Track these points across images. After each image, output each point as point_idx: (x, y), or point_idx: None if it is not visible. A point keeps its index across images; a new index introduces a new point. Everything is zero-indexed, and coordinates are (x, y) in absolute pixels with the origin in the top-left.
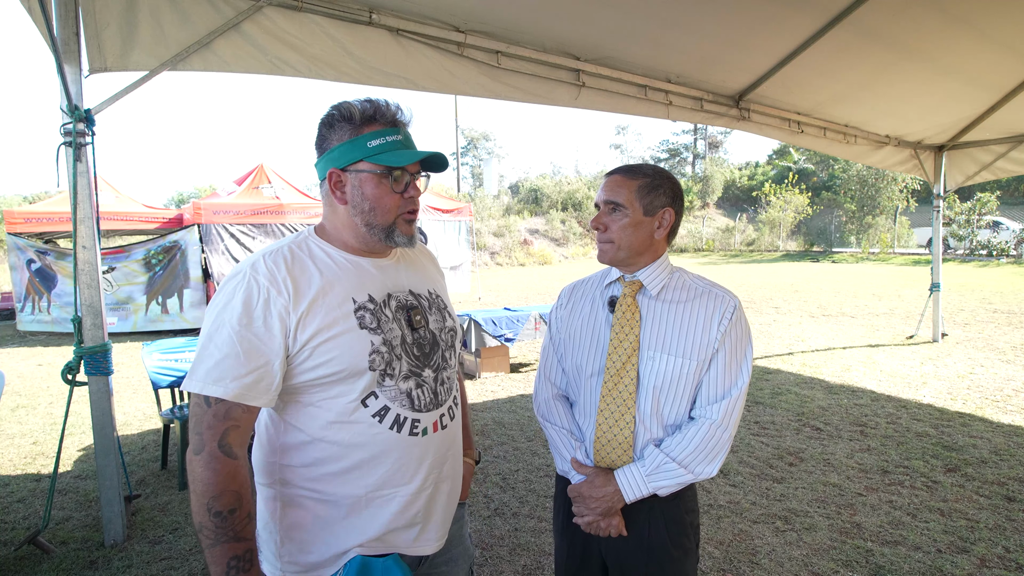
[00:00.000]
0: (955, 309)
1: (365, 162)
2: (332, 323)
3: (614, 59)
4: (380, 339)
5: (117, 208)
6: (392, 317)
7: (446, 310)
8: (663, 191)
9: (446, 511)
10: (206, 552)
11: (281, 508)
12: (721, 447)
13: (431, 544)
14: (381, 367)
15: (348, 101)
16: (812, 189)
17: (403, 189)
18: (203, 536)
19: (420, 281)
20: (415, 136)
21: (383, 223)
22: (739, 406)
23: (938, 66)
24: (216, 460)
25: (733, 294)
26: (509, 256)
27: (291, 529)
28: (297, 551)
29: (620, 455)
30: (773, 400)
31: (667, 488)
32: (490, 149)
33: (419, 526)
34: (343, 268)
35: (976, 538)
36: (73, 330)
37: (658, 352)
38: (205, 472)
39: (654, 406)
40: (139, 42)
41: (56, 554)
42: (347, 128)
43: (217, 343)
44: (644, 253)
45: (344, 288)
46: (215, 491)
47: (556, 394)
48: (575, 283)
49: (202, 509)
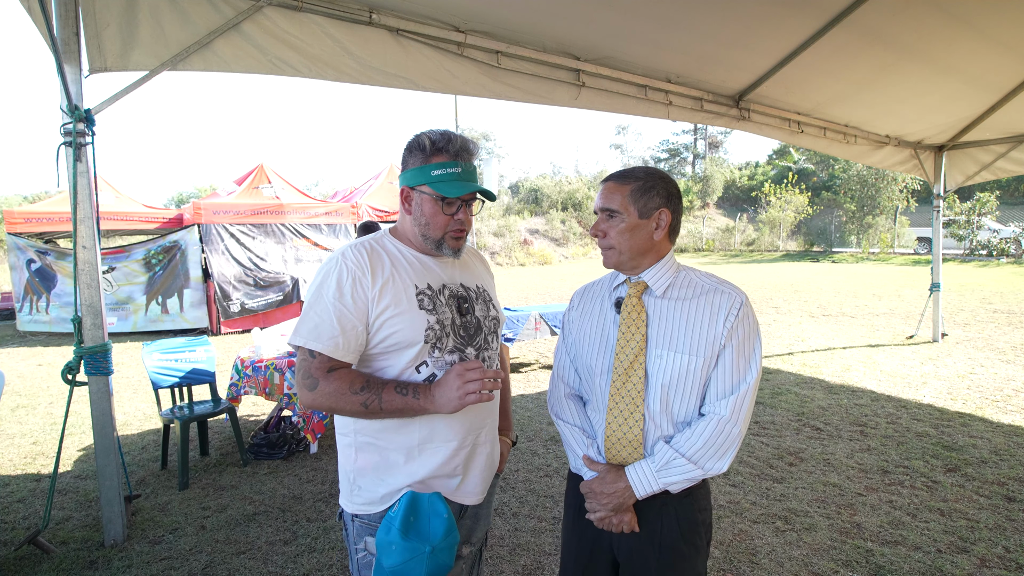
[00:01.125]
0: (955, 309)
1: (427, 187)
2: (398, 302)
3: (614, 59)
4: (435, 319)
5: (117, 208)
6: (445, 303)
7: (491, 302)
8: (656, 192)
9: (484, 472)
10: (383, 414)
11: (355, 453)
12: (731, 442)
13: (470, 496)
14: (433, 341)
15: (425, 133)
16: (812, 189)
17: (453, 212)
18: (371, 412)
19: (470, 277)
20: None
21: (434, 236)
22: (748, 401)
23: (938, 66)
24: (333, 376)
25: (740, 290)
26: (509, 256)
27: (362, 470)
28: (365, 488)
29: (631, 452)
30: (773, 400)
31: (677, 484)
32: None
33: (459, 477)
34: (409, 261)
35: (976, 538)
36: (73, 330)
37: (665, 350)
38: (330, 384)
39: (663, 403)
40: (139, 42)
41: (56, 554)
42: (419, 156)
43: (317, 311)
44: (646, 254)
45: (409, 277)
46: (347, 383)
47: (568, 393)
48: (585, 286)
49: (350, 401)
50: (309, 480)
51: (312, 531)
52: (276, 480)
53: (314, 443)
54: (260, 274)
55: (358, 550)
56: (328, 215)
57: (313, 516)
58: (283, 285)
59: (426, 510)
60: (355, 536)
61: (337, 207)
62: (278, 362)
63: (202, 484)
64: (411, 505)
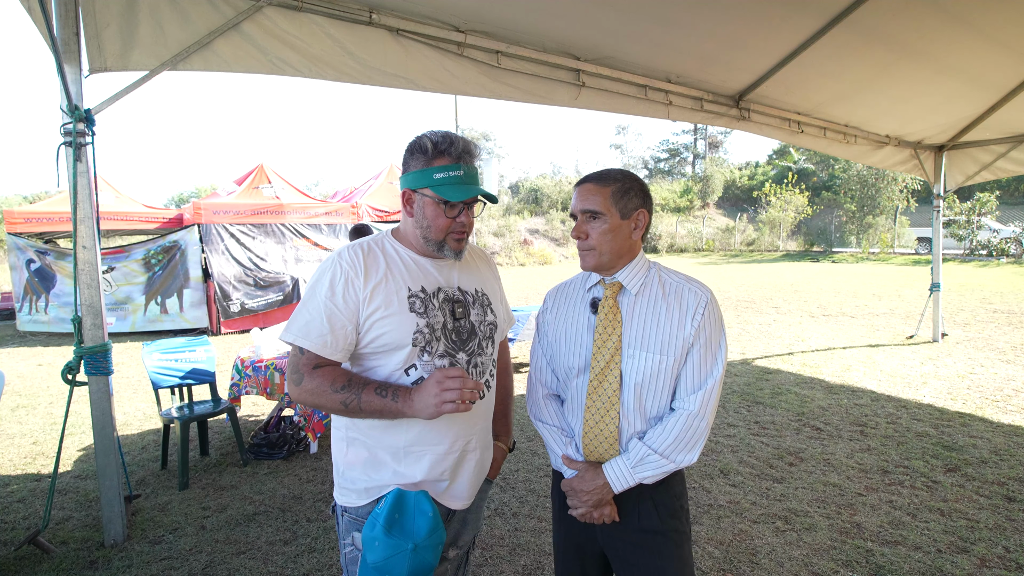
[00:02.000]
0: (955, 309)
1: (429, 190)
2: (389, 303)
3: (614, 59)
4: (424, 322)
5: (117, 208)
6: (438, 307)
7: (490, 306)
8: (634, 193)
9: (473, 477)
10: (363, 414)
11: (345, 447)
12: (699, 436)
13: (457, 501)
14: (421, 344)
15: (426, 135)
16: (812, 189)
17: (455, 215)
18: (351, 411)
19: (471, 280)
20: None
21: (435, 239)
22: (715, 395)
23: (938, 66)
24: (317, 372)
25: (706, 287)
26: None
27: (351, 463)
28: (353, 480)
29: (607, 449)
30: (773, 400)
31: (652, 477)
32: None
33: (447, 482)
34: (406, 264)
35: (976, 538)
36: (73, 330)
37: (638, 350)
38: (311, 381)
39: (637, 402)
40: (139, 42)
41: (56, 554)
42: (421, 158)
43: (309, 308)
44: (624, 255)
45: (403, 279)
46: (329, 381)
47: (547, 394)
48: (558, 286)
49: (331, 399)
50: (309, 480)
51: (312, 531)
52: (276, 480)
53: (315, 442)
54: (260, 274)
55: (346, 544)
56: (328, 215)
57: (313, 516)
58: (283, 285)
59: (412, 508)
60: (344, 530)
61: (337, 207)
62: (278, 362)
63: (202, 484)
64: (397, 502)
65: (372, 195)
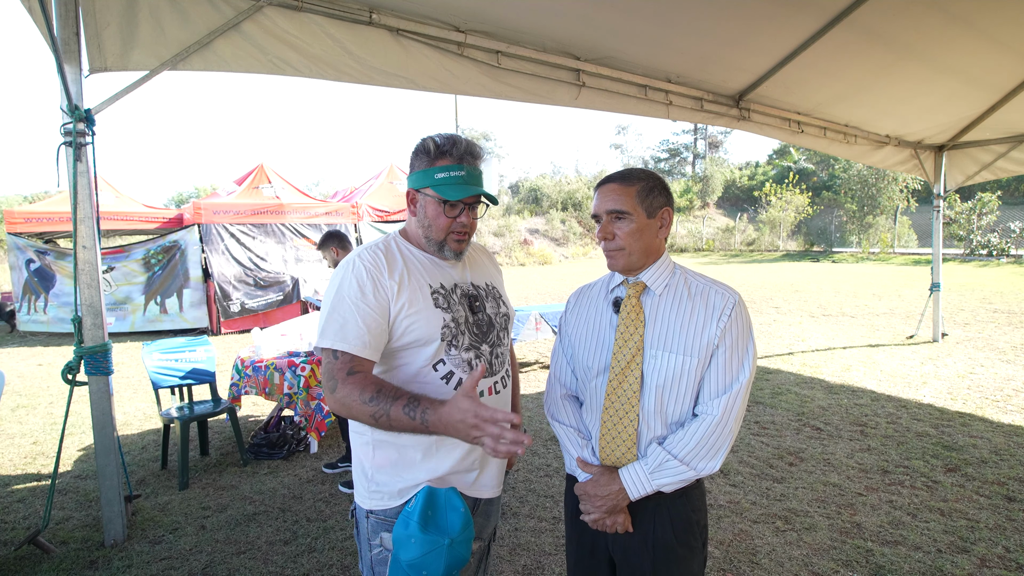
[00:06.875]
0: (955, 309)
1: (430, 189)
2: (415, 300)
3: (614, 59)
4: (450, 316)
5: (117, 208)
6: (458, 301)
7: (500, 299)
8: (658, 192)
9: (499, 466)
10: (393, 429)
11: (372, 450)
12: (722, 443)
13: (487, 490)
14: (449, 338)
15: (431, 136)
16: (812, 189)
17: (456, 215)
18: (380, 423)
19: (479, 275)
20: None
21: (436, 238)
22: (740, 401)
23: (938, 66)
24: (349, 379)
25: (733, 290)
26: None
27: (379, 466)
28: (383, 483)
29: (624, 453)
30: (773, 400)
31: (670, 485)
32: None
33: (476, 471)
34: (420, 262)
35: (976, 538)
36: (73, 330)
37: (661, 351)
38: (344, 389)
39: (658, 404)
40: (139, 42)
41: (56, 554)
42: (424, 159)
43: (341, 312)
44: (651, 255)
45: (422, 276)
46: (358, 390)
47: (565, 394)
48: (581, 288)
49: (361, 411)
50: (309, 480)
51: (312, 531)
52: (276, 480)
53: (316, 440)
54: (260, 274)
55: (373, 546)
56: (328, 215)
57: (313, 516)
58: (283, 285)
59: (443, 504)
60: (370, 532)
61: (337, 207)
62: (278, 362)
63: (202, 484)
64: (428, 500)
65: (372, 195)
